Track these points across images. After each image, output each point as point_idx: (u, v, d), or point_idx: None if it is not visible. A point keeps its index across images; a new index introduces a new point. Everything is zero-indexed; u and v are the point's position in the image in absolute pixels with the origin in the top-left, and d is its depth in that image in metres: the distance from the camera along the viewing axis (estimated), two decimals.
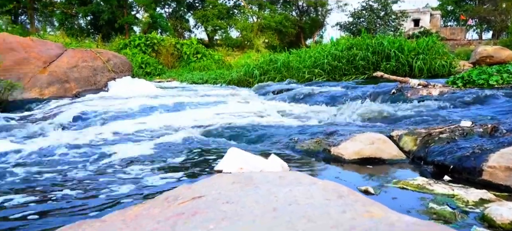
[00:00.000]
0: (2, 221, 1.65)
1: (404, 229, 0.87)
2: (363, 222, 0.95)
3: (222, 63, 16.80)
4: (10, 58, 6.71)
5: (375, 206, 1.10)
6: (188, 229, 1.00)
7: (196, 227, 1.01)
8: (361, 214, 1.02)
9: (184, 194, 1.53)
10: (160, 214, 1.29)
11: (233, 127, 3.81)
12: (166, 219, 1.18)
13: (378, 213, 1.03)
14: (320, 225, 0.93)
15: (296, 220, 0.98)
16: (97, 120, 4.30)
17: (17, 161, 2.71)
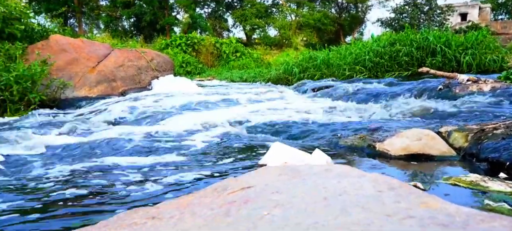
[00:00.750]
0: (61, 208, 1.76)
1: (464, 219, 0.85)
2: (419, 212, 0.93)
3: (260, 61, 16.88)
4: (62, 58, 7.10)
5: (430, 198, 1.08)
6: (242, 215, 1.03)
7: (249, 214, 1.03)
8: (416, 204, 1.01)
9: (232, 185, 1.57)
10: (212, 203, 1.33)
11: (274, 123, 3.83)
12: (219, 206, 1.21)
13: (435, 204, 1.00)
14: (375, 213, 0.93)
15: (349, 208, 0.98)
16: (143, 117, 4.46)
17: (73, 153, 2.87)
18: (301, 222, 0.90)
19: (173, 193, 1.96)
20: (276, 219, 0.94)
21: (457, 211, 0.92)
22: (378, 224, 0.84)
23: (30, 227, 1.53)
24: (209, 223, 1.04)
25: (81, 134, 3.57)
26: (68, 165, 2.53)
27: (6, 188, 2.07)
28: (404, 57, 7.65)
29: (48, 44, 7.39)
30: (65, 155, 2.83)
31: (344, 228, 0.84)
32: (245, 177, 1.74)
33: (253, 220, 0.96)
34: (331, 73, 8.76)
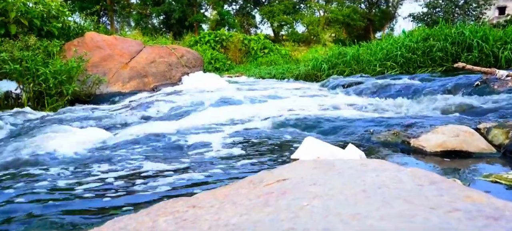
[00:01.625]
0: (99, 198, 1.83)
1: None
2: (464, 205, 0.91)
3: (289, 57, 16.82)
4: (97, 55, 7.34)
5: (474, 192, 1.06)
6: (281, 205, 1.04)
7: (289, 204, 1.04)
8: (460, 198, 0.99)
9: (268, 177, 1.58)
10: (249, 194, 1.34)
11: (304, 119, 3.82)
12: (257, 197, 1.23)
13: (480, 198, 0.98)
14: (418, 205, 0.92)
15: (390, 200, 0.98)
16: (175, 112, 4.55)
17: (109, 146, 2.97)
18: (342, 213, 0.90)
19: (207, 185, 2.00)
20: (316, 210, 0.95)
21: (505, 205, 0.90)
22: (422, 215, 0.84)
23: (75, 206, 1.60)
24: (249, 211, 1.06)
25: (117, 127, 3.69)
26: (106, 157, 2.62)
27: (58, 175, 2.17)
28: (438, 53, 7.43)
29: (84, 41, 7.65)
30: (103, 147, 2.93)
31: (387, 219, 0.84)
32: (280, 170, 1.75)
33: (293, 210, 0.97)
34: (361, 69, 8.62)
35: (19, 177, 2.15)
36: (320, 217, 0.88)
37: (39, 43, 6.75)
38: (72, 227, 1.45)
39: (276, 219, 0.91)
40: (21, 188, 1.95)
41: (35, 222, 1.52)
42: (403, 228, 0.76)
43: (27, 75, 5.76)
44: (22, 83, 5.83)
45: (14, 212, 1.65)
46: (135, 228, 1.10)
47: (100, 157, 2.65)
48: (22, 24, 7.01)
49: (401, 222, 0.80)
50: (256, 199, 1.21)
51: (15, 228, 1.49)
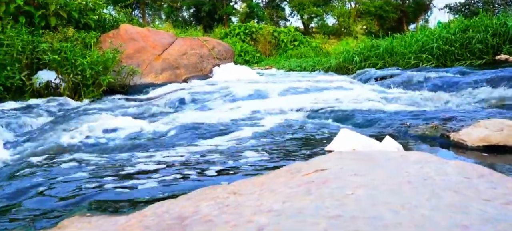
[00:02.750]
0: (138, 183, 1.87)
1: None
2: None
3: (319, 50, 16.62)
4: (131, 47, 7.50)
5: None
6: (324, 193, 1.03)
7: (332, 193, 1.03)
8: None
9: (305, 167, 1.57)
10: (287, 182, 1.34)
11: (338, 110, 3.77)
12: (297, 185, 1.22)
13: None
14: (470, 197, 0.88)
15: (440, 191, 0.95)
16: (207, 103, 4.60)
17: (145, 134, 3.04)
18: (390, 202, 0.88)
19: (242, 173, 2.01)
20: (362, 198, 0.93)
21: None
22: (477, 207, 0.80)
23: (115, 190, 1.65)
24: (291, 199, 1.06)
25: (152, 117, 3.77)
26: (142, 145, 2.69)
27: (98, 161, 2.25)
28: (478, 45, 7.11)
29: (118, 33, 7.83)
30: (139, 136, 3.00)
31: (439, 210, 0.81)
32: (317, 160, 1.73)
33: (337, 198, 0.96)
34: (394, 61, 8.40)
35: (62, 161, 2.24)
36: (367, 205, 0.87)
37: (77, 35, 6.98)
38: (114, 209, 1.49)
39: (321, 206, 0.90)
40: (65, 172, 2.03)
41: (81, 203, 1.58)
42: (459, 220, 0.73)
43: (66, 65, 5.96)
44: (61, 73, 6.05)
45: (60, 194, 1.72)
46: (178, 212, 1.12)
47: (136, 144, 2.72)
48: (61, 17, 7.25)
49: (454, 213, 0.78)
50: (296, 188, 1.21)
51: (62, 208, 1.55)
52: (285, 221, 0.81)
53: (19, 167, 2.16)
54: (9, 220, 1.48)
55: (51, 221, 1.41)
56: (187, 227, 0.95)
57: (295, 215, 0.86)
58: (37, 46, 6.14)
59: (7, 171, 2.11)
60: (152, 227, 1.01)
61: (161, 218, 1.09)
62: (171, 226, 0.98)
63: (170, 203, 1.29)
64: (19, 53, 5.88)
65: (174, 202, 1.30)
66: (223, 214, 1.00)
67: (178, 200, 1.32)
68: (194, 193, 1.37)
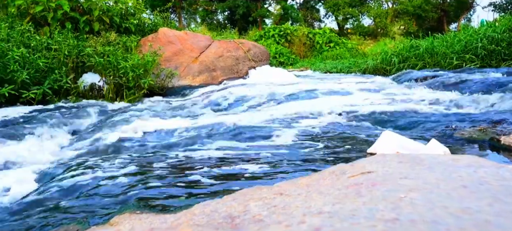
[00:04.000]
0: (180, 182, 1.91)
1: None
2: None
3: (355, 51, 16.33)
4: (169, 50, 7.69)
5: None
6: (376, 196, 1.01)
7: (384, 195, 1.01)
8: None
9: (350, 170, 1.55)
10: (333, 184, 1.33)
11: (377, 113, 3.69)
12: (345, 187, 1.21)
13: None
14: None
15: (502, 196, 0.90)
16: (245, 105, 4.63)
17: (186, 135, 3.10)
18: (448, 206, 0.85)
19: (283, 174, 2.01)
20: (418, 202, 0.91)
21: None
22: None
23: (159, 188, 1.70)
24: (341, 200, 1.04)
25: (192, 118, 3.84)
26: (183, 145, 2.74)
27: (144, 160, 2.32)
28: None
29: (157, 36, 8.05)
30: (180, 136, 3.07)
31: (505, 216, 0.78)
32: (361, 162, 1.70)
33: (391, 201, 0.94)
34: (435, 62, 8.11)
35: (109, 160, 2.33)
36: (424, 209, 0.84)
37: (119, 39, 7.24)
38: (162, 207, 1.53)
39: (374, 209, 0.89)
40: (113, 170, 2.11)
41: (129, 201, 1.64)
42: None
43: (109, 68, 6.20)
44: (104, 76, 6.30)
45: (108, 192, 1.79)
46: (226, 211, 1.14)
47: (178, 145, 2.78)
48: (103, 22, 7.55)
49: None
50: (344, 190, 1.19)
51: (112, 205, 1.61)
52: (340, 224, 0.81)
53: (70, 165, 2.27)
54: (64, 216, 1.55)
55: (103, 218, 1.47)
56: (239, 225, 0.96)
57: (349, 217, 0.85)
58: (82, 50, 6.43)
59: (59, 170, 2.22)
60: (203, 225, 1.03)
61: (211, 217, 1.11)
62: (222, 224, 0.99)
63: (217, 203, 1.31)
64: (66, 57, 6.17)
65: (220, 201, 1.32)
66: (273, 214, 1.01)
67: (224, 199, 1.34)
68: (240, 193, 1.39)
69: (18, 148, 2.81)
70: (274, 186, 1.45)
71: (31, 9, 6.97)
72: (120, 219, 1.35)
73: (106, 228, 1.31)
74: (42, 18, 7.12)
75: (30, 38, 6.20)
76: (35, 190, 1.98)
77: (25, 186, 2.05)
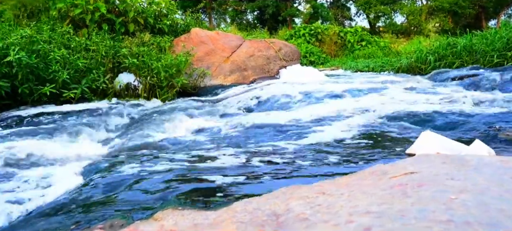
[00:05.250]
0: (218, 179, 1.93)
1: None
2: None
3: (388, 50, 15.96)
4: (201, 50, 7.80)
5: None
6: (425, 196, 0.98)
7: (433, 196, 0.98)
8: None
9: (391, 170, 1.52)
10: (376, 184, 1.30)
11: (414, 112, 3.59)
12: (389, 187, 1.19)
13: None
14: None
15: None
16: (277, 104, 4.63)
17: (220, 134, 3.13)
18: (504, 209, 0.82)
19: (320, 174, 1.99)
20: (470, 204, 0.88)
21: None
22: None
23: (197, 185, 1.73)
24: (387, 201, 1.03)
25: (225, 117, 3.88)
26: (217, 143, 2.78)
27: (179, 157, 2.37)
28: None
29: (189, 37, 8.18)
30: (214, 134, 3.11)
31: None
32: (402, 163, 1.67)
33: (442, 202, 0.91)
34: (474, 60, 7.80)
35: (148, 157, 2.39)
36: (479, 211, 0.81)
37: (153, 39, 7.41)
38: (202, 204, 1.56)
39: (425, 210, 0.86)
40: (152, 167, 2.16)
41: (169, 197, 1.67)
42: None
43: (144, 68, 6.36)
44: (139, 76, 6.46)
45: (149, 188, 1.83)
46: (270, 209, 1.14)
47: (213, 143, 2.82)
48: (138, 23, 7.76)
49: None
50: (389, 190, 1.17)
51: (153, 201, 1.65)
52: (391, 224, 0.79)
53: (111, 162, 2.35)
54: (108, 211, 1.61)
55: (145, 213, 1.51)
56: (284, 224, 0.96)
57: (399, 217, 0.83)
58: (118, 51, 6.62)
59: (101, 166, 2.29)
60: (247, 223, 1.04)
61: (254, 214, 1.11)
62: (266, 222, 1.00)
63: (258, 201, 1.32)
64: (103, 57, 6.38)
65: (262, 199, 1.33)
66: (318, 213, 1.00)
67: (265, 197, 1.34)
68: (280, 192, 1.39)
69: (60, 145, 2.93)
70: (314, 185, 1.44)
71: (70, 11, 7.25)
72: (164, 215, 1.38)
73: (150, 223, 1.34)
74: (81, 20, 7.39)
75: (70, 40, 6.45)
76: (78, 186, 2.06)
77: (69, 182, 2.14)
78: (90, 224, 1.45)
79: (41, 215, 1.64)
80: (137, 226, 1.32)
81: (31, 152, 2.56)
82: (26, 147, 2.67)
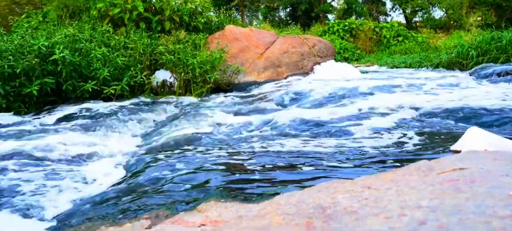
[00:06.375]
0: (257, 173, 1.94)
1: None
2: None
3: (426, 45, 15.44)
4: (235, 46, 7.85)
5: None
6: (479, 193, 0.94)
7: (489, 192, 0.94)
8: None
9: (437, 166, 1.46)
10: (424, 180, 1.26)
11: (457, 109, 3.45)
12: (439, 183, 1.15)
13: None
14: None
15: None
16: (312, 100, 4.59)
17: (255, 130, 3.14)
18: None
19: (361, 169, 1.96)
20: None
21: None
22: None
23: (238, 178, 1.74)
24: (438, 196, 0.99)
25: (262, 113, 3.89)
26: (256, 139, 2.79)
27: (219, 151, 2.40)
28: None
29: (224, 34, 8.25)
30: (252, 130, 3.12)
31: None
32: (450, 159, 1.61)
33: (500, 198, 0.87)
34: None
35: (187, 152, 2.44)
36: None
37: (188, 37, 7.53)
38: (244, 197, 1.57)
39: (482, 205, 0.83)
40: (192, 161, 2.20)
41: (210, 190, 1.70)
42: None
43: (179, 65, 6.48)
44: (175, 73, 6.59)
45: (190, 181, 1.87)
46: (315, 202, 1.13)
47: (249, 138, 2.83)
48: (174, 21, 7.91)
49: None
50: (439, 185, 1.13)
51: (195, 194, 1.68)
52: (446, 218, 0.76)
53: (153, 156, 2.41)
54: (152, 202, 1.65)
55: (189, 205, 1.54)
56: (332, 216, 0.95)
57: (455, 212, 0.80)
58: (155, 48, 6.78)
59: (143, 160, 2.36)
60: (293, 214, 1.03)
61: (299, 207, 1.11)
62: (313, 214, 0.99)
63: (301, 194, 1.31)
64: (140, 55, 6.56)
65: (304, 193, 1.32)
66: (366, 207, 0.98)
67: (308, 191, 1.34)
68: (323, 186, 1.37)
69: (103, 140, 3.04)
70: (358, 180, 1.42)
71: (110, 11, 7.49)
72: (207, 206, 1.40)
73: (194, 214, 1.36)
74: (119, 19, 7.63)
75: (109, 38, 6.67)
76: (122, 178, 2.13)
77: (113, 175, 2.21)
78: (136, 213, 1.50)
79: (89, 205, 1.71)
80: (182, 217, 1.35)
81: (77, 146, 2.67)
82: (72, 141, 2.79)
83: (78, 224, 1.47)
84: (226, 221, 1.18)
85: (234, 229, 1.09)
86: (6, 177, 2.05)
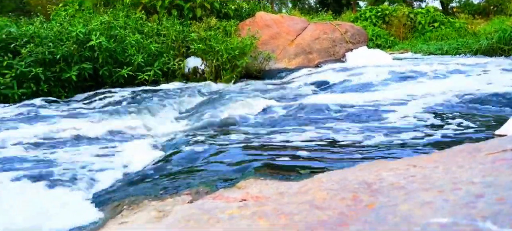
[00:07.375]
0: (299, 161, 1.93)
1: None
2: None
3: (464, 31, 14.79)
4: (266, 33, 7.81)
5: None
6: None
7: None
8: None
9: (485, 147, 1.41)
10: (471, 159, 1.22)
11: (500, 95, 3.31)
12: (490, 162, 1.10)
13: None
14: None
15: None
16: (347, 86, 4.52)
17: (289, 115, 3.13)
18: None
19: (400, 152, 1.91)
20: None
21: None
22: None
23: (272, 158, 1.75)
24: (491, 173, 0.95)
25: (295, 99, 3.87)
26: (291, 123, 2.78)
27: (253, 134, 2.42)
28: None
29: (254, 20, 8.22)
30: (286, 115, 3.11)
31: None
32: (496, 141, 1.54)
33: None
34: None
35: (223, 133, 2.46)
36: None
37: (219, 24, 7.56)
38: (281, 176, 1.57)
39: None
40: (229, 142, 2.23)
41: (247, 169, 1.71)
42: None
43: (210, 52, 6.52)
44: (205, 59, 6.65)
45: (227, 160, 1.89)
46: (358, 179, 1.11)
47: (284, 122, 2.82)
48: (205, 8, 7.95)
49: None
50: (490, 164, 1.09)
51: (232, 173, 1.70)
52: (504, 192, 0.73)
53: (189, 137, 2.45)
54: (191, 180, 1.68)
55: (228, 182, 1.56)
56: (378, 191, 0.93)
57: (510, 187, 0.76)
58: (187, 35, 6.85)
59: (181, 141, 2.41)
60: (337, 190, 1.02)
61: (342, 184, 1.10)
62: (358, 189, 0.98)
63: (343, 172, 1.30)
64: (173, 42, 6.65)
65: (346, 171, 1.31)
66: (414, 183, 0.96)
67: (349, 170, 1.32)
68: (365, 165, 1.35)
69: (140, 122, 3.11)
70: (401, 160, 1.39)
71: None
72: (246, 184, 1.41)
73: (233, 191, 1.38)
74: (152, 7, 7.74)
75: (142, 25, 6.80)
76: (161, 158, 2.18)
77: (152, 155, 2.27)
78: (177, 190, 1.53)
79: (131, 182, 1.76)
80: (222, 193, 1.37)
81: (117, 128, 2.76)
82: (113, 122, 2.88)
83: (122, 199, 1.52)
84: (268, 197, 1.18)
85: (276, 204, 1.09)
86: (56, 155, 2.14)
